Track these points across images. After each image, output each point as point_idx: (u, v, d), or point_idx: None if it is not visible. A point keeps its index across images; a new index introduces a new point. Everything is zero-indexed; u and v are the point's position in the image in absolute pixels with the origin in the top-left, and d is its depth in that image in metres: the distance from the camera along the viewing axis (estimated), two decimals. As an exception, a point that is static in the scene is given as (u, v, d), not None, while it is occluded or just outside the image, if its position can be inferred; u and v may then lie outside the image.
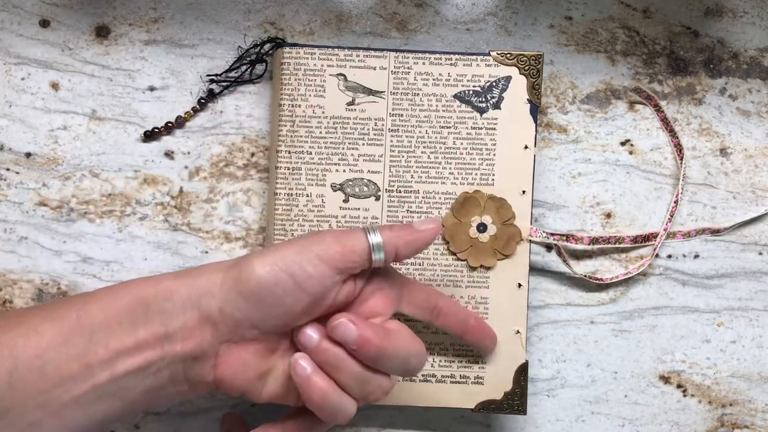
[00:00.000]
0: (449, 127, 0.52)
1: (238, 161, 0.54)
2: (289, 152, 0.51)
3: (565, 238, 0.53)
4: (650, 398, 0.55)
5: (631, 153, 0.55)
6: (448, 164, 0.52)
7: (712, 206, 0.55)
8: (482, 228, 0.51)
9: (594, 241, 0.53)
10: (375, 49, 0.51)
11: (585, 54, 0.55)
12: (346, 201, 0.52)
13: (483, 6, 0.54)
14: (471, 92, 0.51)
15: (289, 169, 0.51)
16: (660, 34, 0.55)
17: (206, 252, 0.54)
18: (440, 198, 0.52)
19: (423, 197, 0.52)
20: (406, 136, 0.52)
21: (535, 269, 0.54)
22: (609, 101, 0.55)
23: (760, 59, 0.55)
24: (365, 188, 0.52)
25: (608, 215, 0.55)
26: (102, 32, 0.54)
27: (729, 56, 0.55)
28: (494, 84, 0.51)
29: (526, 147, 0.51)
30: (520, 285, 0.52)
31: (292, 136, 0.51)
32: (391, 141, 0.52)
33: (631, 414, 0.55)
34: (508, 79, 0.51)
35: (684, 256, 0.55)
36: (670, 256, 0.55)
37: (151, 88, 0.54)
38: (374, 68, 0.51)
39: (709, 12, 0.55)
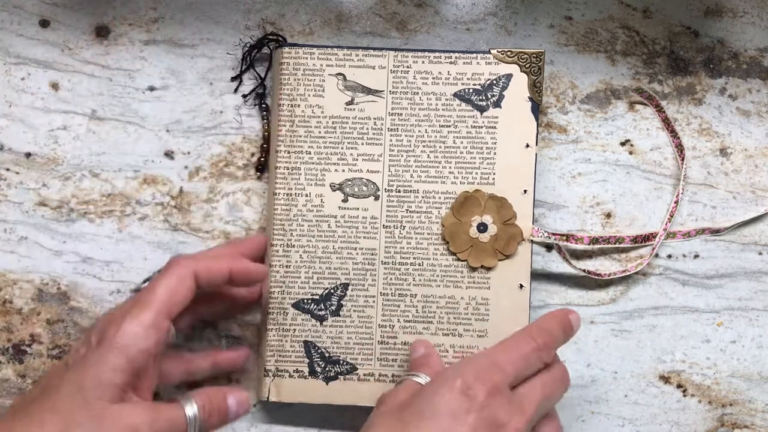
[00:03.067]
0: (449, 126, 0.51)
1: (238, 161, 0.54)
2: (288, 152, 0.51)
3: (565, 238, 0.53)
4: (650, 398, 0.55)
5: (631, 153, 0.55)
6: (448, 163, 0.51)
7: (712, 206, 0.55)
8: (483, 228, 0.51)
9: (594, 241, 0.53)
10: (374, 48, 0.51)
11: (585, 54, 0.55)
12: (345, 200, 0.51)
13: (483, 6, 0.54)
14: (471, 90, 0.51)
15: (288, 168, 0.51)
16: (660, 34, 0.55)
17: (206, 252, 0.54)
18: (440, 197, 0.51)
19: (423, 197, 0.51)
20: (406, 136, 0.52)
21: (535, 270, 0.54)
22: (609, 101, 0.55)
23: (760, 59, 0.55)
24: (364, 188, 0.52)
25: (608, 215, 0.55)
26: (102, 32, 0.54)
27: (729, 56, 0.55)
28: (495, 82, 0.51)
29: (527, 145, 0.51)
30: (521, 286, 0.51)
31: (291, 136, 0.51)
32: (391, 140, 0.51)
33: (631, 414, 0.55)
34: (509, 77, 0.51)
35: (684, 256, 0.55)
36: (670, 256, 0.55)
37: (151, 88, 0.54)
38: (373, 67, 0.51)
39: (709, 12, 0.55)
